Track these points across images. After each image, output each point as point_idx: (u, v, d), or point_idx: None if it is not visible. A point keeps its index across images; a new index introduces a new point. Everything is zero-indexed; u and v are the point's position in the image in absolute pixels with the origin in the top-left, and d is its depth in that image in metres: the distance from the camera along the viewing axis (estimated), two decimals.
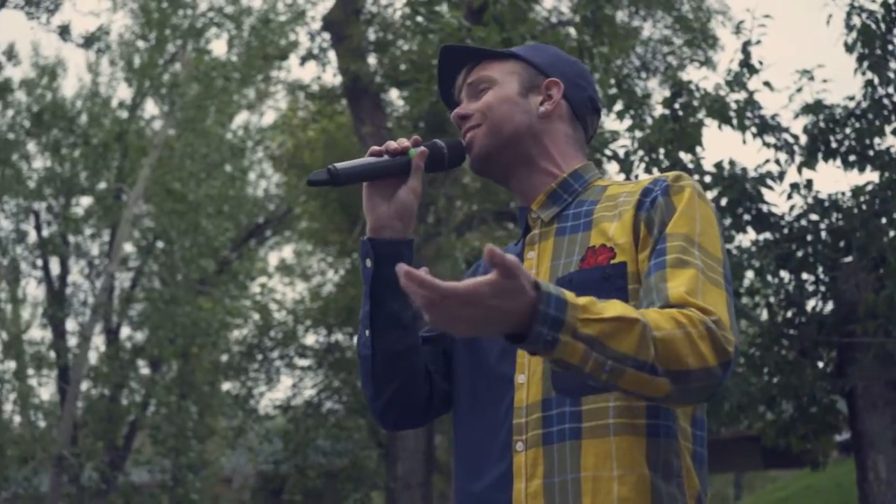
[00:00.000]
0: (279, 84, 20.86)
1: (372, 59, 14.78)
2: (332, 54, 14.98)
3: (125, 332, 19.75)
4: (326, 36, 14.91)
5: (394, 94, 15.96)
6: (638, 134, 7.21)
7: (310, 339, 18.75)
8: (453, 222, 15.86)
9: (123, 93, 30.56)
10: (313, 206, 17.66)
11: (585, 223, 2.08)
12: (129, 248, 19.65)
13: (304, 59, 15.20)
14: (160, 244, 19.30)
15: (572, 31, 12.57)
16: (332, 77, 23.99)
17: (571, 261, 2.04)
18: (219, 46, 24.24)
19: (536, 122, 2.15)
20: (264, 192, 22.34)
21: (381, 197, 2.15)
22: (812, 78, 7.60)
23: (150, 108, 25.06)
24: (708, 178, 7.02)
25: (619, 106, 7.47)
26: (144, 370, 19.83)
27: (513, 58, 2.21)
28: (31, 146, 20.13)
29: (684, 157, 6.90)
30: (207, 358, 18.90)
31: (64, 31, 16.40)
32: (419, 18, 9.69)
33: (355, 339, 18.81)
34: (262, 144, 21.04)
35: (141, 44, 19.87)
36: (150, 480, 18.92)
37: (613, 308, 1.76)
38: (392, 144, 2.14)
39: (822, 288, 7.33)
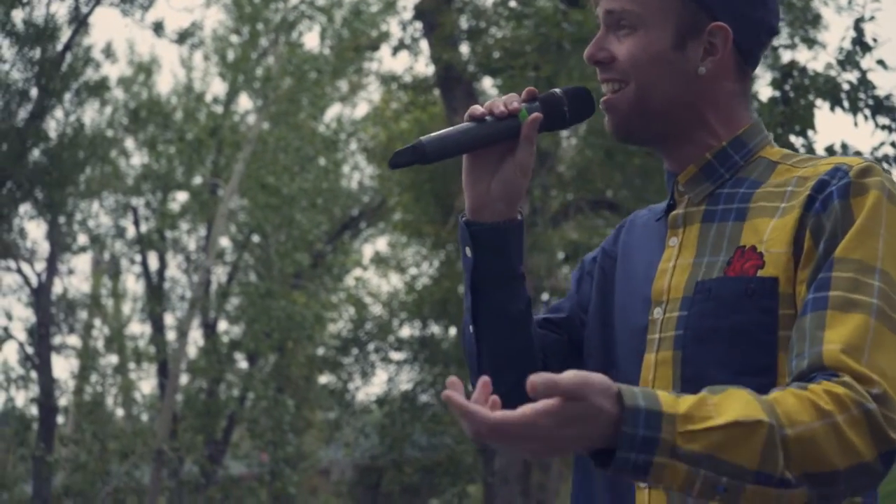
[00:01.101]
0: (371, 75, 20.80)
1: (464, 48, 14.57)
2: (424, 44, 14.80)
3: (222, 326, 19.88)
4: (418, 25, 14.74)
5: (487, 83, 15.73)
6: None
7: (405, 332, 18.65)
8: (548, 212, 15.60)
9: (217, 88, 30.85)
10: (407, 198, 17.54)
11: (739, 211, 1.65)
12: (224, 242, 19.77)
13: (395, 50, 15.03)
14: (255, 238, 19.36)
15: None
16: (424, 67, 23.82)
17: (716, 261, 1.63)
18: (311, 39, 24.36)
19: (694, 84, 1.68)
20: (358, 185, 22.31)
21: (482, 170, 1.73)
22: None
23: (244, 102, 25.20)
24: None
25: None
26: (242, 364, 19.94)
27: None
28: (129, 143, 20.38)
29: (795, 140, 6.58)
30: (303, 352, 18.92)
31: (158, 28, 16.49)
32: (513, 3, 9.47)
33: (451, 331, 18.78)
34: (355, 137, 21.00)
35: (234, 38, 19.96)
36: (248, 473, 19.01)
37: (730, 406, 1.37)
38: (498, 105, 1.69)
39: None
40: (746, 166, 1.70)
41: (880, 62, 7.04)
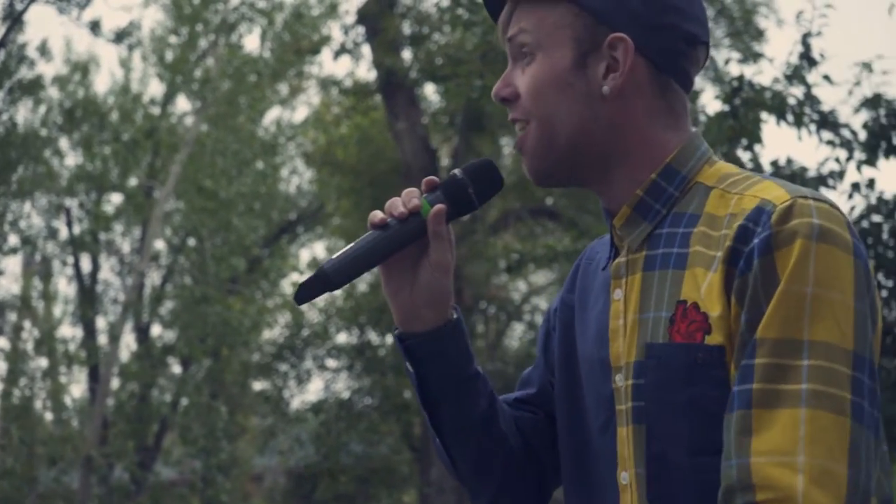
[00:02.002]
0: (312, 79, 20.65)
1: (407, 54, 14.49)
2: (366, 48, 14.70)
3: (156, 330, 19.61)
4: (360, 30, 14.63)
5: (429, 90, 15.67)
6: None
7: (341, 339, 18.50)
8: (488, 220, 15.55)
9: (155, 89, 30.47)
10: (346, 203, 17.43)
11: (679, 256, 1.46)
12: (159, 245, 19.51)
13: (337, 54, 14.91)
14: (191, 242, 19.14)
15: None
16: (366, 72, 23.71)
17: (660, 318, 1.45)
18: (251, 42, 24.18)
19: (601, 106, 1.49)
20: (296, 189, 22.14)
21: (400, 279, 1.59)
22: (871, 70, 7.24)
23: (182, 104, 24.92)
24: None
25: None
26: (175, 369, 19.69)
27: (562, 1, 1.52)
28: (63, 142, 20.03)
29: (742, 155, 6.55)
30: (237, 358, 18.73)
31: (95, 27, 16.21)
32: (460, 11, 9.40)
33: (388, 338, 18.67)
34: (294, 141, 20.83)
35: (173, 39, 19.71)
36: (179, 479, 18.78)
37: None
38: (397, 206, 1.55)
39: (885, 294, 6.97)
40: (683, 197, 1.50)
41: (826, 77, 7.05)
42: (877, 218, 6.96)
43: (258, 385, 19.67)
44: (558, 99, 1.50)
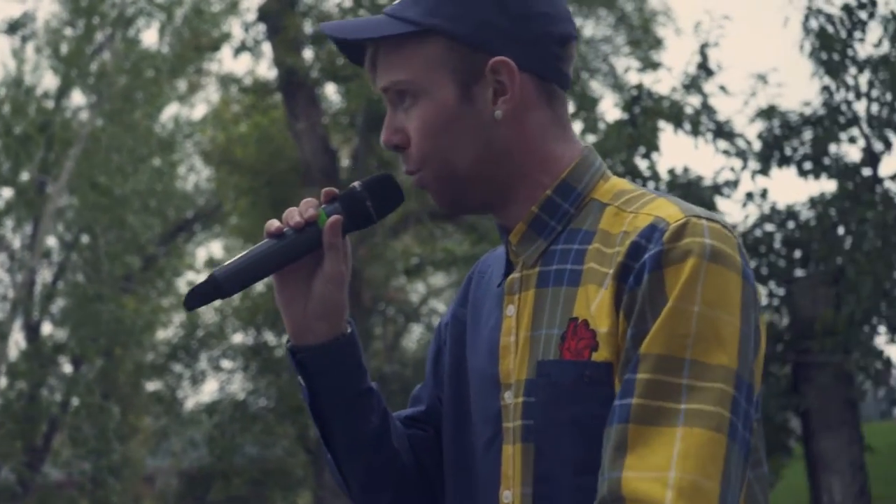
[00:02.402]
0: (211, 76, 20.42)
1: (308, 53, 14.40)
2: (266, 47, 14.58)
3: (46, 328, 19.22)
4: (261, 27, 14.50)
5: (330, 90, 15.60)
6: (591, 139, 6.87)
7: (237, 339, 18.34)
8: (387, 222, 15.52)
9: (49, 82, 29.87)
10: (243, 203, 17.27)
11: (573, 273, 1.44)
12: (51, 241, 19.13)
13: (237, 51, 14.75)
14: (84, 239, 18.79)
15: None
16: (266, 70, 23.51)
17: (552, 335, 1.44)
18: (149, 36, 23.84)
19: (496, 131, 1.48)
20: (194, 187, 21.87)
21: (294, 290, 1.56)
22: (766, 82, 7.39)
23: (77, 98, 24.45)
24: (663, 186, 6.76)
25: (570, 108, 7.15)
26: (66, 367, 19.33)
27: (430, 35, 1.47)
28: None
29: (640, 163, 6.62)
30: (131, 358, 18.44)
31: None
32: (362, 11, 9.37)
33: (284, 339, 18.53)
34: (192, 138, 20.58)
35: (68, 31, 19.33)
36: (68, 480, 18.46)
37: None
38: (294, 216, 1.52)
39: (776, 302, 7.10)
40: (579, 214, 1.49)
41: (722, 88, 7.18)
42: (769, 227, 7.10)
43: (151, 385, 19.42)
44: (451, 137, 1.48)
